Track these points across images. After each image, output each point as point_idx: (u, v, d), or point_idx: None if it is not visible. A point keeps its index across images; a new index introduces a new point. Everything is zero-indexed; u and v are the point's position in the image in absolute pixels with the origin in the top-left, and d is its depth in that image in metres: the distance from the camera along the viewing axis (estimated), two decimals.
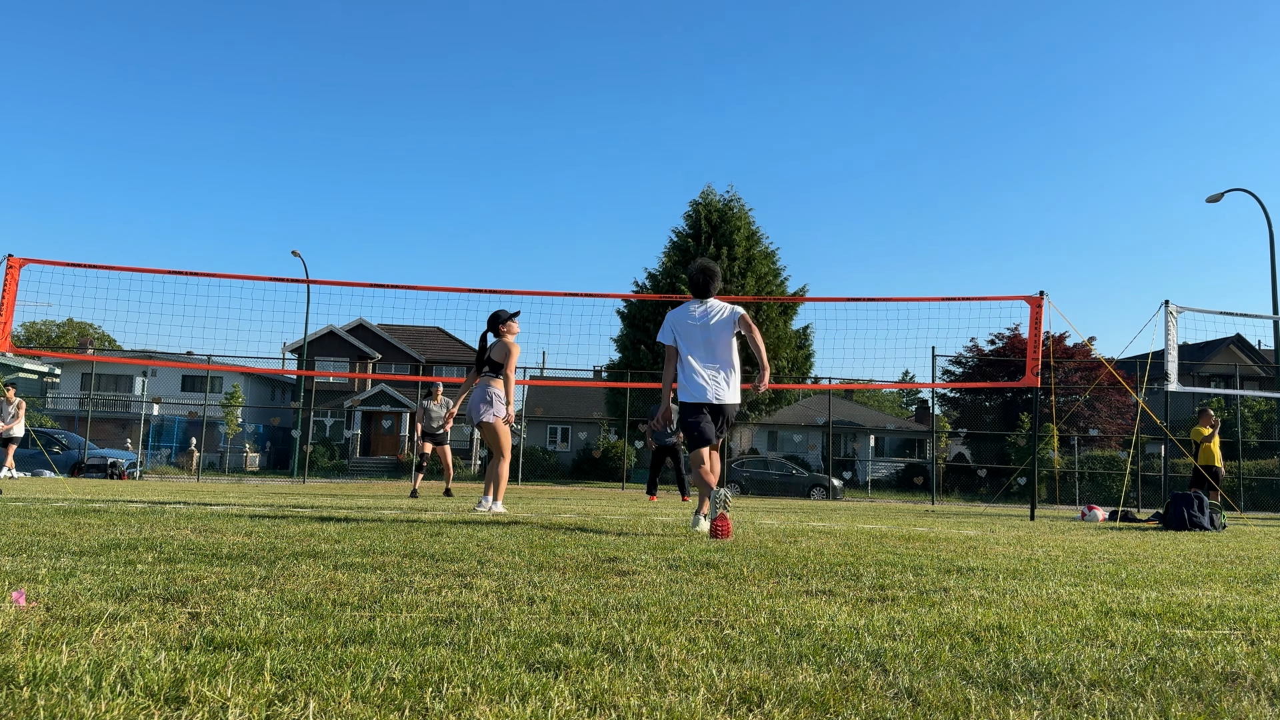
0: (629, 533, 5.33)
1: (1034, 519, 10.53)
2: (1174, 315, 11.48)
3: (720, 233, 33.22)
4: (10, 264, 9.67)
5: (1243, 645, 2.11)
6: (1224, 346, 37.05)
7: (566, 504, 10.44)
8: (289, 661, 1.67)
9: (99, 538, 3.99)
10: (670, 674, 1.65)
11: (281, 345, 41.66)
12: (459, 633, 2.00)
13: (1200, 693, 1.62)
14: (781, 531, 5.95)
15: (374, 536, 4.48)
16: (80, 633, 1.88)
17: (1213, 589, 3.30)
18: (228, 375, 39.79)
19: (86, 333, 61.13)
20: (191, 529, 4.67)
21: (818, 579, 3.22)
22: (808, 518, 8.60)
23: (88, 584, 2.56)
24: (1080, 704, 1.53)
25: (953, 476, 34.28)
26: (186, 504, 7.21)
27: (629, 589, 2.79)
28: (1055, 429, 27.79)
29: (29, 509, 5.86)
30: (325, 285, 12.05)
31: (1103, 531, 7.72)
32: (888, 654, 1.88)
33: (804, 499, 24.52)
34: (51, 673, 1.53)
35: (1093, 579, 3.51)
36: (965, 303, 11.24)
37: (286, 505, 7.51)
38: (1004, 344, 36.05)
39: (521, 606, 2.40)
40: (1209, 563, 4.52)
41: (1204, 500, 8.76)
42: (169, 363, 20.89)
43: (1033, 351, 10.98)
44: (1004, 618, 2.41)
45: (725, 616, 2.32)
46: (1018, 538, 6.11)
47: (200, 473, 27.18)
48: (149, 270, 10.74)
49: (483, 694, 1.48)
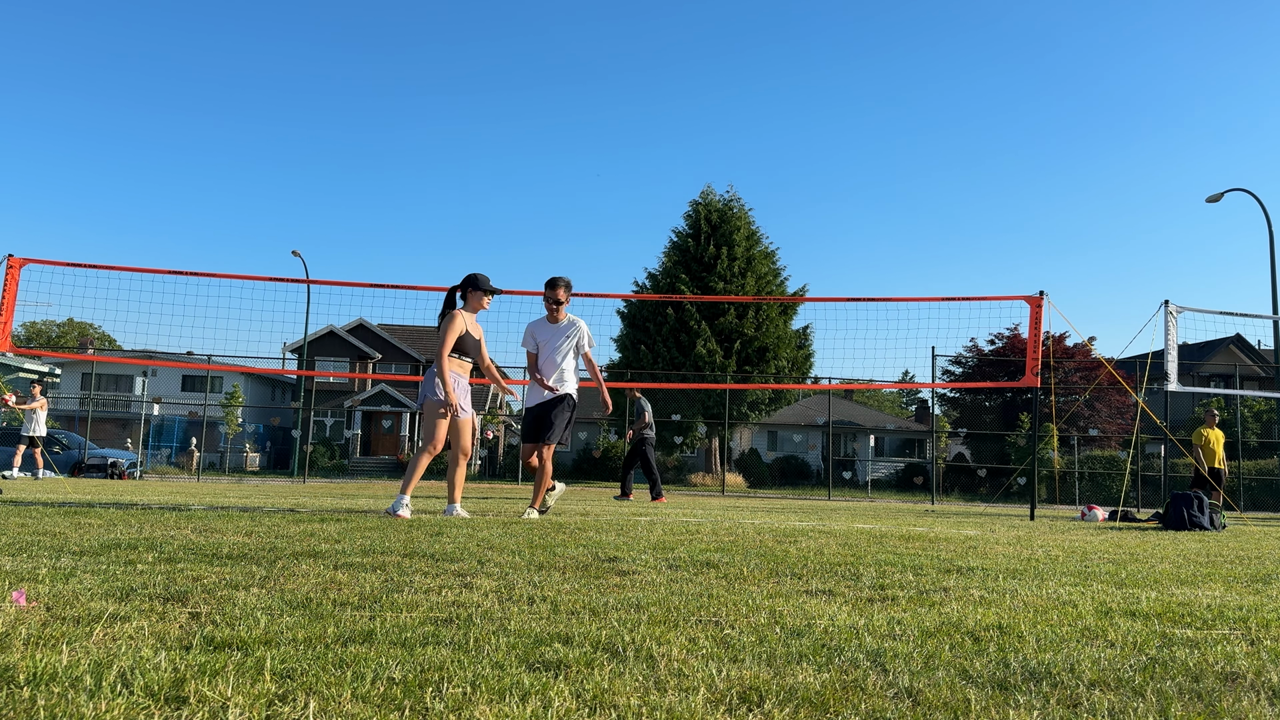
0: (629, 533, 5.33)
1: (1034, 519, 10.52)
2: (1174, 315, 11.48)
3: (720, 233, 33.20)
4: (10, 264, 9.66)
5: (1242, 645, 2.11)
6: (1224, 346, 37.04)
7: (566, 504, 10.44)
8: (289, 661, 1.67)
9: (99, 538, 3.99)
10: (670, 674, 1.65)
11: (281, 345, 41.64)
12: (459, 633, 2.00)
13: (1200, 692, 1.62)
14: (781, 531, 5.95)
15: (374, 536, 4.48)
16: (80, 633, 1.88)
17: (1212, 589, 3.30)
18: (228, 375, 39.78)
19: (86, 333, 61.11)
20: (191, 529, 4.67)
21: (818, 579, 3.22)
22: (807, 517, 8.60)
23: (88, 584, 2.56)
24: (1080, 704, 1.53)
25: (952, 476, 34.27)
26: (188, 506, 7.21)
27: (629, 589, 2.79)
28: (1055, 429, 27.77)
29: (29, 509, 5.85)
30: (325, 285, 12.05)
31: (1102, 531, 7.72)
32: (888, 654, 1.88)
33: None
34: (51, 673, 1.53)
35: (1092, 579, 3.51)
36: (965, 303, 11.24)
37: (286, 505, 7.51)
38: (1004, 344, 36.03)
39: (521, 606, 2.40)
40: (1209, 563, 4.52)
41: (1204, 500, 8.76)
42: (169, 363, 20.87)
43: (1033, 351, 10.98)
44: (1004, 617, 2.40)
45: (725, 616, 2.32)
46: (1017, 538, 6.11)
47: (200, 473, 27.17)
48: (149, 270, 10.73)
49: (483, 694, 1.48)
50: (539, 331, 6.81)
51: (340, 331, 43.31)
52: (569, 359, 6.86)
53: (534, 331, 6.82)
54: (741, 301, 31.58)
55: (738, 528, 6.22)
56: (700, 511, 9.34)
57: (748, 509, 11.05)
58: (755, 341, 31.98)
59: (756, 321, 32.17)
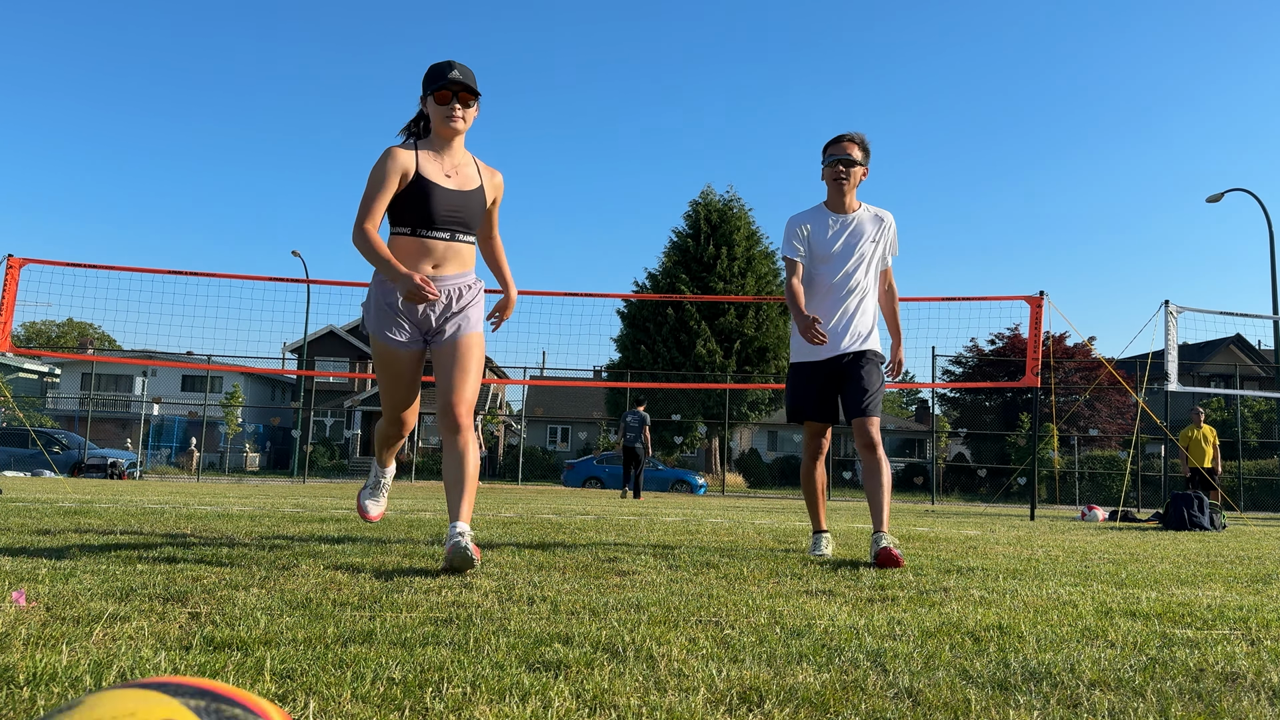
0: (629, 532, 5.33)
1: (1034, 519, 10.52)
2: (1174, 315, 11.48)
3: (720, 233, 33.21)
4: (10, 264, 9.66)
5: (1243, 645, 2.11)
6: (1224, 346, 37.05)
7: (566, 504, 10.44)
8: (289, 661, 1.67)
9: (99, 538, 3.99)
10: (670, 674, 1.65)
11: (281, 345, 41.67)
12: (459, 633, 2.00)
13: (1200, 693, 1.62)
14: (781, 531, 5.95)
15: (374, 536, 4.48)
16: (80, 633, 1.88)
17: (1213, 589, 3.30)
18: (228, 375, 39.78)
19: (86, 333, 61.11)
20: (191, 529, 4.67)
21: (818, 579, 3.22)
22: (807, 518, 8.60)
23: (88, 584, 2.56)
24: (1080, 704, 1.53)
25: (953, 476, 34.28)
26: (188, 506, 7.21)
27: (629, 589, 2.79)
28: (1055, 429, 27.76)
29: (29, 509, 5.85)
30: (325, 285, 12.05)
31: (1103, 531, 7.72)
32: (888, 654, 1.88)
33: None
34: (51, 673, 1.53)
35: (1093, 579, 3.51)
36: (965, 303, 11.24)
37: (286, 505, 7.51)
38: (1004, 344, 36.04)
39: (521, 606, 2.40)
40: (1209, 563, 4.52)
41: (1204, 500, 8.76)
42: (169, 363, 20.88)
43: (1033, 351, 10.98)
44: (1004, 618, 2.41)
45: (725, 616, 2.32)
46: (1018, 538, 6.11)
47: (200, 473, 27.18)
48: (149, 270, 10.74)
49: (483, 694, 1.48)
50: (815, 227, 4.29)
51: (340, 331, 43.32)
52: (868, 276, 4.30)
53: (807, 226, 4.30)
54: (741, 301, 31.60)
55: (738, 528, 6.22)
56: (700, 511, 9.34)
57: (748, 509, 11.05)
58: (755, 341, 32.00)
59: (757, 321, 32.18)
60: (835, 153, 4.25)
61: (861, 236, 4.25)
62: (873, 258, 4.28)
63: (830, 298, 4.23)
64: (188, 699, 0.67)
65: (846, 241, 4.24)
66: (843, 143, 4.26)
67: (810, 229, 4.27)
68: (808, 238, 4.26)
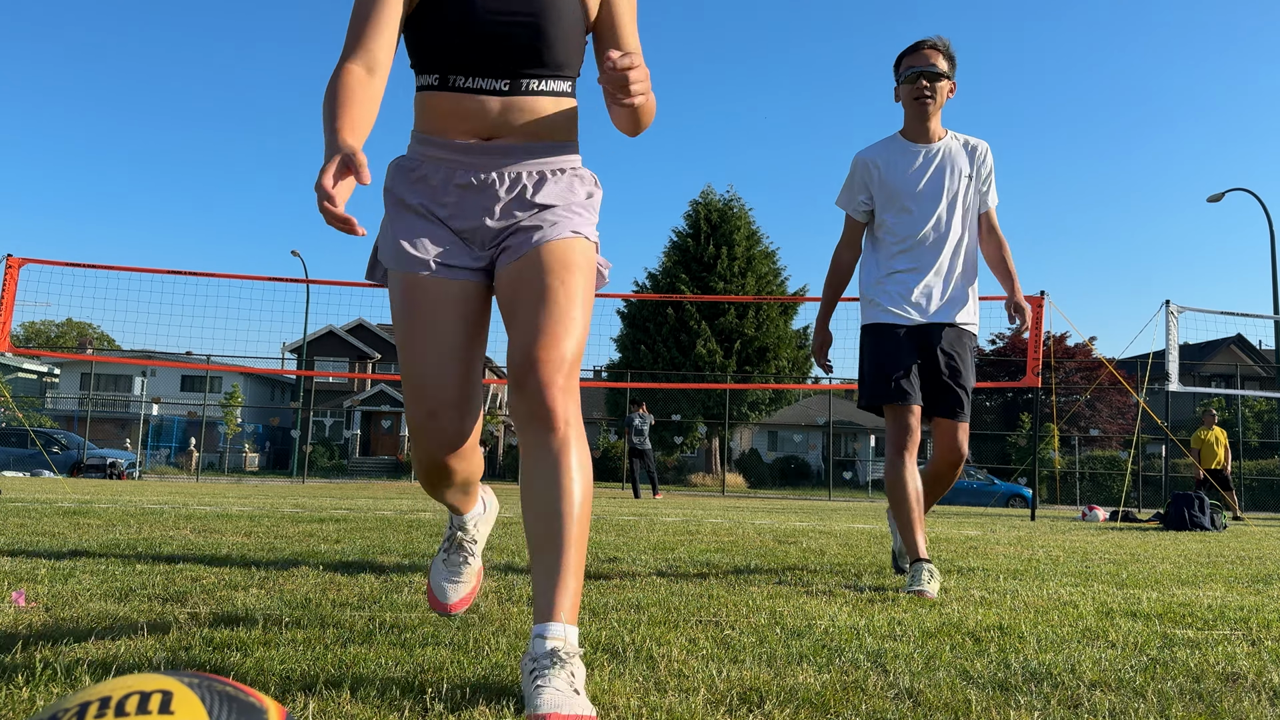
0: (629, 533, 5.33)
1: (1034, 519, 10.52)
2: (1175, 315, 11.48)
3: (720, 233, 33.20)
4: (9, 264, 9.66)
5: (1244, 645, 2.11)
6: (1225, 346, 37.04)
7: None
8: (289, 662, 1.66)
9: (99, 538, 3.99)
10: (670, 674, 1.65)
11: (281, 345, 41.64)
12: (459, 633, 2.00)
13: (1201, 693, 1.62)
14: (782, 532, 5.95)
15: (374, 536, 4.48)
16: (80, 632, 1.88)
17: (1213, 589, 3.29)
18: (227, 375, 39.78)
19: (86, 333, 61.11)
20: (191, 529, 4.67)
21: (818, 579, 3.22)
22: (808, 518, 8.60)
23: (87, 584, 2.56)
24: (1081, 704, 1.52)
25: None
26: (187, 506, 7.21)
27: (629, 589, 2.79)
28: (1056, 429, 27.76)
29: (29, 509, 5.85)
30: (325, 285, 12.05)
31: (1103, 532, 7.72)
32: (888, 654, 1.88)
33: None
34: (51, 673, 1.53)
35: (1093, 579, 3.50)
36: None
37: (286, 505, 7.51)
38: (1004, 344, 36.04)
39: (521, 606, 2.40)
40: (1210, 563, 4.52)
41: (1205, 500, 8.76)
42: (168, 363, 20.89)
43: (1033, 351, 10.98)
44: (1004, 618, 2.40)
45: (725, 617, 2.32)
46: (1018, 538, 6.11)
47: (199, 473, 27.17)
48: (149, 270, 10.75)
49: (483, 694, 1.48)
50: (890, 164, 3.38)
51: (340, 331, 43.31)
52: (965, 223, 3.39)
53: (878, 164, 3.39)
54: (742, 301, 31.59)
55: (738, 528, 6.22)
56: (700, 511, 9.34)
57: (748, 509, 11.05)
58: (755, 341, 31.99)
59: (757, 321, 32.17)
60: (915, 63, 3.27)
61: (953, 171, 3.30)
62: (968, 197, 3.32)
63: (914, 251, 3.29)
64: (183, 677, 0.76)
65: (933, 178, 3.28)
66: (923, 50, 3.26)
67: (882, 168, 3.32)
68: (880, 180, 3.32)
